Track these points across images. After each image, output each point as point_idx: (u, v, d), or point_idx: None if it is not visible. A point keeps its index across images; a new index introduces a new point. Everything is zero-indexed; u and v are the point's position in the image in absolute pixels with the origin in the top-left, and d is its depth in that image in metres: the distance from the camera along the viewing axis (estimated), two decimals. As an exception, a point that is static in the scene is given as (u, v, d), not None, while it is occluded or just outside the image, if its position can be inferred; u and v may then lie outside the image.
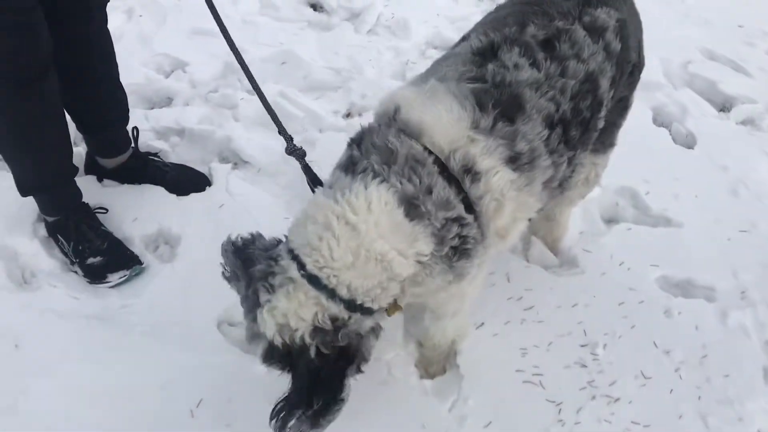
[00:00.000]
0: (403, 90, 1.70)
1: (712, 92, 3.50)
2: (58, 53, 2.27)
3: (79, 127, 2.59)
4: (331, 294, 1.53)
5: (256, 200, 2.66)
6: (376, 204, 1.51)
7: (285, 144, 2.06)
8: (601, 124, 1.89)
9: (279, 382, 2.07)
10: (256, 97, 3.11)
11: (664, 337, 2.30)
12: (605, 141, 2.16)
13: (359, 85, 3.27)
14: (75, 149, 2.78)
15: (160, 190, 2.67)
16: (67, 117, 2.49)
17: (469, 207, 1.59)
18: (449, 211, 1.55)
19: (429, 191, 1.53)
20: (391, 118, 1.63)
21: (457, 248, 1.59)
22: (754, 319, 2.38)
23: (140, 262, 2.42)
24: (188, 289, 2.35)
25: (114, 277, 2.37)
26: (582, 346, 2.27)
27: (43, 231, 2.50)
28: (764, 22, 3.98)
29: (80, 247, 2.39)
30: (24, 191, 2.36)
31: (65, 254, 2.43)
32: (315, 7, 3.88)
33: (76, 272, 2.41)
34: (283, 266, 1.57)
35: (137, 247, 2.51)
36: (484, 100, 1.60)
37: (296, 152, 2.01)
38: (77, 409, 2.03)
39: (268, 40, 3.51)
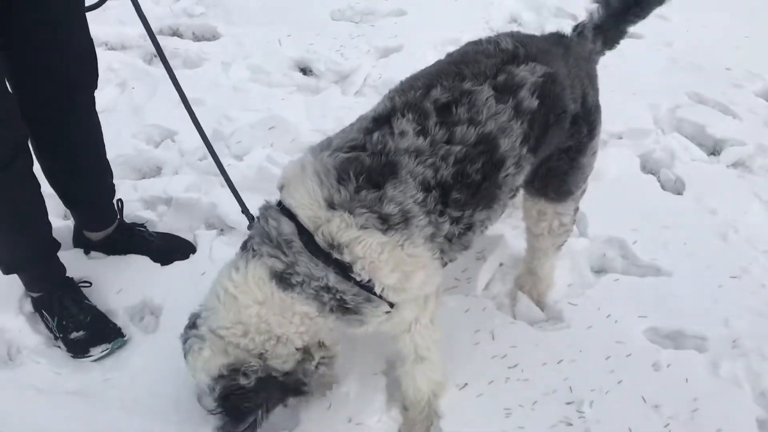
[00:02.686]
0: (289, 166, 1.86)
1: (701, 136, 3.49)
2: (42, 134, 2.34)
3: (64, 202, 2.64)
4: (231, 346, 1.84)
5: None
6: (251, 278, 1.79)
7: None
8: (515, 180, 1.94)
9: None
10: (242, 163, 3.21)
11: (653, 392, 2.25)
12: (559, 189, 2.21)
13: (346, 146, 3.30)
14: (63, 222, 2.85)
15: (144, 260, 2.70)
16: (52, 192, 2.56)
17: (345, 270, 1.74)
18: (318, 281, 1.75)
19: (295, 264, 1.74)
20: (280, 196, 1.83)
21: (340, 307, 1.79)
22: (747, 368, 2.32)
23: (122, 335, 2.43)
24: (169, 361, 2.33)
25: (96, 351, 2.37)
26: (568, 403, 2.22)
27: (29, 306, 2.53)
28: (752, 63, 3.98)
29: (64, 322, 2.41)
30: (6, 270, 2.40)
31: (50, 329, 2.44)
32: (305, 71, 3.96)
33: (59, 347, 2.42)
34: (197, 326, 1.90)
35: (121, 319, 2.52)
36: (347, 171, 1.72)
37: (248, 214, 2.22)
38: (54, 489, 2.02)
39: (258, 106, 3.57)
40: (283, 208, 1.80)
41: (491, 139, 1.82)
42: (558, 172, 2.13)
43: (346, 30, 4.21)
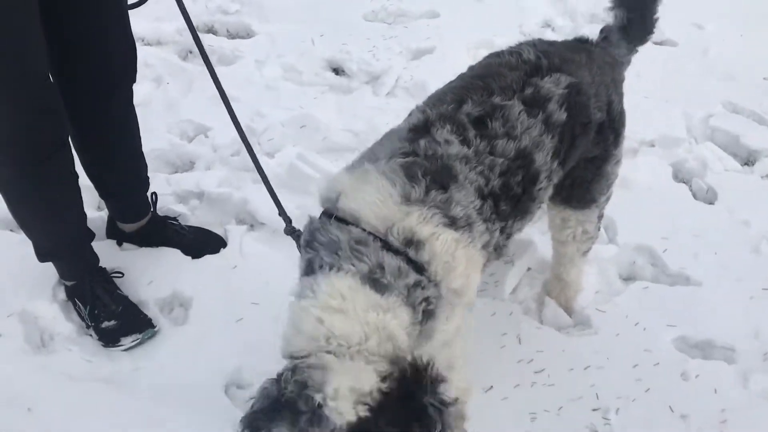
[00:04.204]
0: (342, 175, 1.76)
1: (735, 146, 3.45)
2: (82, 125, 2.39)
3: (100, 193, 2.69)
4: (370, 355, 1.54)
5: (268, 261, 2.70)
6: (345, 290, 1.56)
7: (287, 221, 2.11)
8: (546, 193, 1.93)
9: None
10: (273, 160, 3.23)
11: (681, 401, 2.23)
12: (583, 198, 2.20)
13: (376, 147, 3.32)
14: (98, 213, 2.90)
15: (176, 253, 2.73)
16: (87, 183, 2.61)
17: (421, 269, 1.63)
18: (407, 278, 1.60)
19: (381, 265, 1.59)
20: (334, 206, 1.69)
21: (425, 311, 1.65)
22: (777, 382, 2.30)
23: (153, 326, 2.46)
24: (198, 352, 2.38)
25: (127, 341, 2.41)
26: (594, 410, 2.21)
27: (62, 295, 2.58)
28: (789, 74, 3.93)
29: (96, 311, 2.45)
30: (41, 257, 2.45)
31: (82, 318, 2.49)
32: (337, 71, 3.98)
33: (91, 335, 2.46)
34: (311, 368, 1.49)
35: (152, 310, 2.55)
36: (414, 171, 1.66)
37: (294, 233, 2.05)
38: (83, 474, 2.06)
39: (289, 104, 3.60)
40: (339, 218, 1.67)
41: (527, 154, 1.81)
42: (582, 181, 2.12)
43: (378, 31, 4.22)
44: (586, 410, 2.21)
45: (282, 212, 2.12)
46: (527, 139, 1.81)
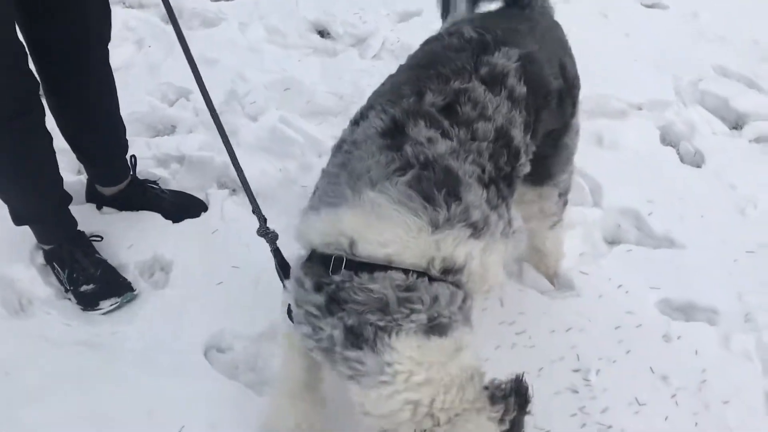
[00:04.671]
0: (345, 215, 1.56)
1: (724, 109, 3.42)
2: (56, 86, 2.34)
3: (78, 156, 2.65)
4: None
5: (249, 226, 2.62)
6: (414, 353, 1.48)
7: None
8: (525, 169, 1.85)
9: (259, 408, 2.08)
10: (255, 124, 3.20)
11: (662, 363, 2.23)
12: (541, 175, 2.09)
13: (361, 110, 3.28)
14: (77, 177, 2.86)
15: (156, 217, 2.70)
16: (66, 147, 2.57)
17: (458, 288, 1.58)
18: (457, 301, 1.56)
19: (435, 301, 1.51)
20: (351, 255, 1.54)
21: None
22: (758, 342, 2.30)
23: (132, 289, 2.44)
24: (178, 316, 2.36)
25: (105, 304, 2.39)
26: (574, 371, 2.21)
27: (40, 259, 2.54)
28: (781, 36, 3.88)
29: (74, 275, 2.42)
30: (17, 221, 2.41)
31: (60, 282, 2.46)
32: (322, 33, 3.91)
33: (69, 299, 2.44)
34: None
35: (131, 274, 2.53)
36: (429, 190, 1.54)
37: (268, 235, 1.95)
38: (62, 436, 2.04)
39: (273, 67, 3.54)
40: (367, 267, 1.52)
41: (506, 132, 1.74)
42: (540, 156, 1.97)
43: (365, -8, 4.14)
44: (566, 371, 2.20)
45: (256, 209, 1.98)
46: (500, 118, 1.73)
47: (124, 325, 2.36)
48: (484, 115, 1.70)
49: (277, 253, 1.92)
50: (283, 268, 1.86)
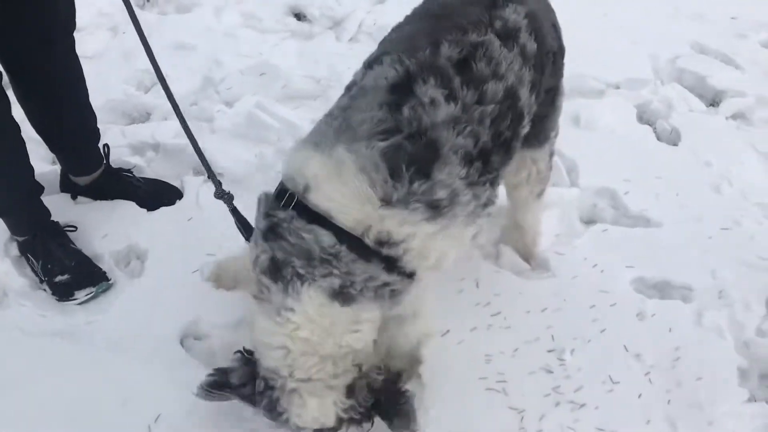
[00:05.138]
0: (313, 161, 1.64)
1: (701, 87, 3.43)
2: (22, 76, 2.31)
3: (49, 146, 2.62)
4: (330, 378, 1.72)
5: (225, 212, 2.61)
6: (312, 310, 1.63)
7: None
8: (525, 130, 1.87)
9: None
10: (231, 110, 3.18)
11: (636, 341, 2.25)
12: (539, 135, 2.11)
13: (338, 93, 3.23)
14: (51, 167, 2.84)
15: (131, 205, 2.68)
16: (38, 137, 2.55)
17: (392, 266, 1.64)
18: (375, 281, 1.63)
19: (351, 274, 1.60)
20: (302, 196, 1.62)
21: (392, 295, 1.71)
22: (731, 319, 2.32)
23: (107, 279, 2.43)
24: (153, 304, 2.35)
25: (80, 294, 2.38)
26: (549, 351, 2.23)
27: (14, 250, 2.53)
28: (758, 12, 3.89)
29: (49, 266, 2.41)
30: (-13, 213, 2.40)
31: (35, 273, 2.45)
32: (298, 16, 3.88)
33: (44, 290, 2.43)
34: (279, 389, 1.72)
35: (107, 263, 2.52)
36: (398, 164, 1.57)
37: (224, 197, 2.13)
38: (37, 427, 2.04)
39: (249, 52, 3.52)
40: (307, 212, 1.62)
41: (513, 93, 1.74)
42: (542, 117, 2.04)
43: (342, -26, 4.11)
44: (541, 351, 2.22)
45: (212, 176, 2.12)
46: (512, 76, 1.73)
47: (99, 315, 2.35)
48: (496, 73, 1.71)
49: (235, 212, 2.10)
50: (243, 225, 2.03)
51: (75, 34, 2.39)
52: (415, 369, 2.19)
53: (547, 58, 1.93)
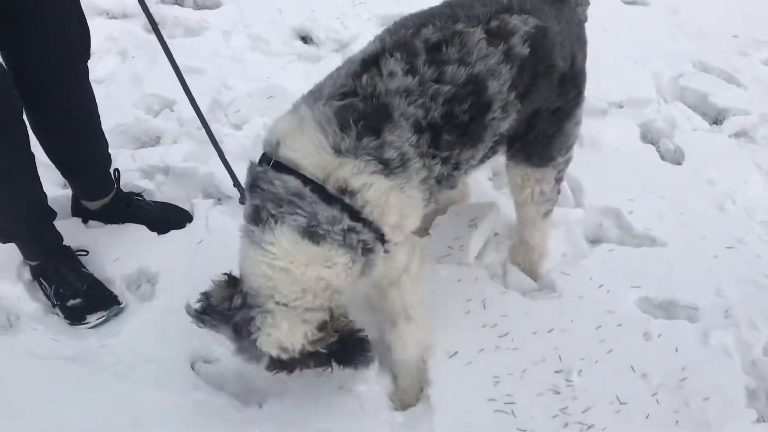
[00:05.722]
0: (282, 121, 1.85)
1: (704, 105, 3.46)
2: (37, 103, 2.35)
3: (62, 172, 2.66)
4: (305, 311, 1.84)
5: (234, 234, 2.60)
6: (287, 244, 1.77)
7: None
8: (501, 124, 1.96)
9: (246, 418, 2.11)
10: (240, 132, 3.22)
11: (642, 361, 2.26)
12: (543, 153, 2.22)
13: (344, 116, 3.30)
14: (63, 192, 2.88)
15: (141, 229, 2.72)
16: (49, 162, 2.59)
17: (356, 215, 1.78)
18: (339, 224, 1.77)
19: (316, 215, 1.75)
20: (275, 153, 1.80)
21: (365, 249, 1.83)
22: (737, 338, 2.33)
23: (118, 303, 2.46)
24: (164, 327, 2.38)
25: (92, 318, 2.41)
26: (556, 372, 2.24)
27: (27, 274, 2.56)
28: (760, 31, 3.92)
29: (61, 290, 2.44)
30: (2, 238, 2.44)
31: (47, 297, 2.48)
32: (305, 39, 3.94)
33: (57, 314, 2.46)
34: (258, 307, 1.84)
35: (118, 287, 2.55)
36: (346, 118, 1.74)
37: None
38: (49, 451, 2.07)
39: (256, 75, 3.56)
40: (278, 166, 1.79)
41: (479, 80, 1.85)
42: (543, 135, 2.15)
43: (347, -3, 4.17)
44: (549, 372, 2.23)
45: (236, 183, 2.24)
46: (482, 66, 1.85)
47: (111, 338, 2.38)
48: (463, 60, 1.84)
49: None
50: None
51: (85, 59, 2.44)
52: (422, 389, 2.22)
53: (547, 70, 2.01)
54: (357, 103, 1.76)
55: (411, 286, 2.07)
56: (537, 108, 2.09)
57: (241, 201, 2.13)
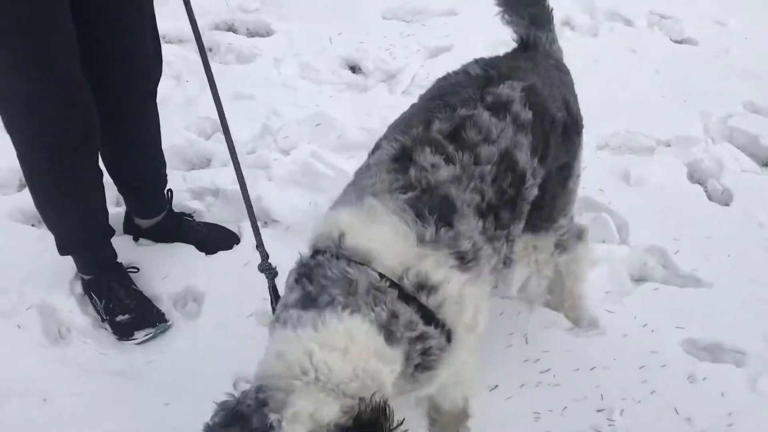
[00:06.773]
0: (342, 213, 1.70)
1: (754, 146, 3.41)
2: (105, 121, 2.45)
3: (119, 189, 2.75)
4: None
5: (280, 258, 2.70)
6: (357, 333, 1.51)
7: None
8: (533, 192, 1.92)
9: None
10: (288, 158, 3.28)
11: (687, 404, 2.23)
12: (545, 217, 2.11)
13: (390, 145, 3.34)
14: (116, 209, 2.97)
15: (190, 249, 2.79)
16: (106, 179, 2.68)
17: (430, 318, 1.61)
18: (413, 331, 1.59)
19: (395, 315, 1.56)
20: (337, 246, 1.63)
21: (419, 364, 1.63)
22: (787, 385, 2.28)
23: (166, 320, 2.52)
24: (208, 346, 2.43)
25: (140, 335, 2.47)
26: (598, 411, 2.22)
27: (79, 288, 2.64)
28: (813, 73, 3.87)
29: (111, 305, 2.51)
30: (62, 251, 2.51)
31: (97, 311, 2.56)
32: (354, 69, 4.01)
33: (105, 329, 2.53)
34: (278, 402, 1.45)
35: (165, 305, 2.61)
36: (421, 209, 1.65)
37: (268, 271, 2.08)
38: (96, 463, 2.12)
39: (305, 102, 3.64)
40: (348, 257, 1.60)
41: (510, 155, 1.82)
42: (548, 195, 2.04)
43: (396, 29, 4.23)
44: (590, 411, 2.22)
45: (260, 245, 2.11)
46: (505, 141, 1.82)
47: (157, 355, 2.44)
48: (488, 138, 1.80)
49: (274, 290, 2.03)
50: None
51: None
52: (463, 423, 2.22)
53: (552, 127, 1.98)
54: (421, 195, 1.67)
55: (469, 362, 1.90)
56: (549, 168, 2.03)
57: (261, 268, 2.08)
